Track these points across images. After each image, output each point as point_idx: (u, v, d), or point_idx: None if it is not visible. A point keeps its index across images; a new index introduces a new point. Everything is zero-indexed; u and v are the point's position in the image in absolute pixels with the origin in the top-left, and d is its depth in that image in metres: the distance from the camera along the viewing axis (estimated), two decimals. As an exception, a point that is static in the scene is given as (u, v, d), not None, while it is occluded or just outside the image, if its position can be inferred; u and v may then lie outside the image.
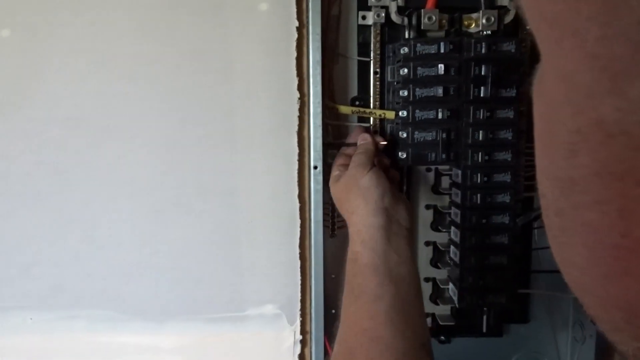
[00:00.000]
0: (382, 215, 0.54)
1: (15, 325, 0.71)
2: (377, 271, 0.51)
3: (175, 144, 0.67)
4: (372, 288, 0.50)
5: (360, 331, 0.49)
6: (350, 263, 0.53)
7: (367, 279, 0.51)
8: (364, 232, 0.53)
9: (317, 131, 0.63)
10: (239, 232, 0.69)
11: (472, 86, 0.59)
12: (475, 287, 0.63)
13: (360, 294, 0.50)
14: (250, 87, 0.65)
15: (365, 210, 0.54)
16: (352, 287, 0.52)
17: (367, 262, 0.51)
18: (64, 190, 0.67)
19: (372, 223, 0.53)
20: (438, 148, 0.61)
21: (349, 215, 0.56)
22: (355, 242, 0.54)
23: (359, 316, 0.50)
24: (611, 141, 0.18)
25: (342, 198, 0.58)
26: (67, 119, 0.66)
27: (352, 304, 0.51)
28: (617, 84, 0.18)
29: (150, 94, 0.65)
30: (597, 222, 0.20)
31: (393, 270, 0.51)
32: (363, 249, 0.52)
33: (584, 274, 0.22)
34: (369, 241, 0.53)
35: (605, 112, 0.18)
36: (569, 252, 0.22)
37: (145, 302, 0.70)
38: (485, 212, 0.61)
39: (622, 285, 0.20)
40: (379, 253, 0.52)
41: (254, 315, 0.71)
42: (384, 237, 0.53)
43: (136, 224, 0.68)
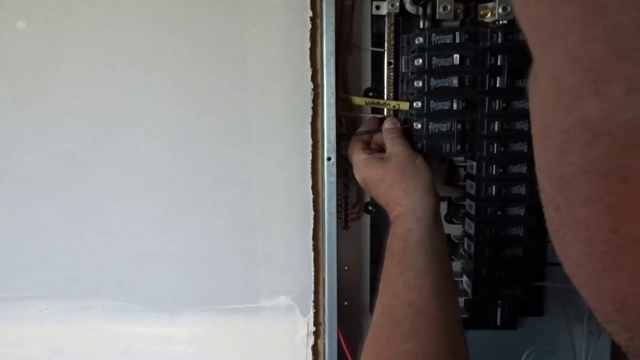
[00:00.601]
0: (435, 196, 0.57)
1: (31, 315, 0.72)
2: (426, 249, 0.53)
3: (190, 135, 0.67)
4: (421, 264, 0.52)
5: (406, 304, 0.51)
6: (398, 239, 0.55)
7: (418, 255, 0.53)
8: (420, 211, 0.55)
9: (331, 122, 0.63)
10: (253, 223, 0.69)
11: (487, 76, 0.59)
12: (489, 279, 0.63)
13: (409, 268, 0.52)
14: (264, 78, 0.66)
15: (422, 191, 0.56)
16: (400, 261, 0.54)
17: (419, 240, 0.53)
18: (79, 181, 0.68)
19: (428, 202, 0.55)
20: (453, 139, 0.61)
21: (401, 195, 0.57)
22: (407, 220, 0.55)
23: (406, 289, 0.52)
24: (597, 140, 0.19)
25: (393, 180, 0.58)
26: (82, 110, 0.67)
27: (399, 276, 0.53)
28: (599, 86, 0.19)
29: (165, 85, 0.66)
30: (588, 218, 0.21)
31: (439, 250, 0.54)
32: (416, 226, 0.54)
33: (579, 268, 0.23)
34: (423, 218, 0.54)
35: (590, 112, 0.19)
36: (566, 246, 0.23)
37: (159, 292, 0.72)
38: (501, 204, 0.62)
39: (613, 279, 0.21)
40: (430, 231, 0.54)
41: (267, 307, 0.72)
42: (435, 217, 0.55)
43: (151, 215, 0.69)
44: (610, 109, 0.19)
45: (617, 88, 0.19)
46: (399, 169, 0.58)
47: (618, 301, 0.21)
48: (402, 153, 0.59)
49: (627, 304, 0.20)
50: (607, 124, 0.19)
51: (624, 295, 0.20)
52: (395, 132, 0.62)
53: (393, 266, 0.54)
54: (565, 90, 0.20)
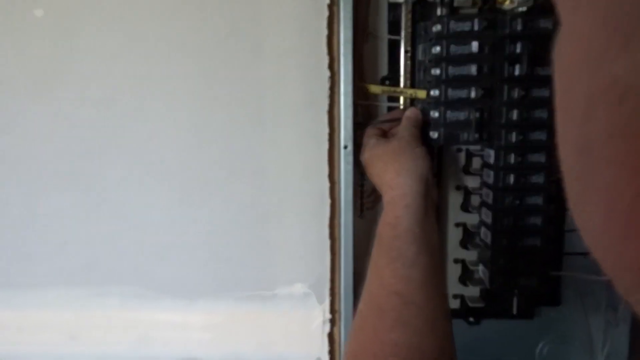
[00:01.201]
0: (425, 185, 0.56)
1: (49, 300, 0.74)
2: (416, 238, 0.53)
3: (205, 125, 0.68)
4: (410, 254, 0.52)
5: (393, 293, 0.51)
6: (387, 226, 0.55)
7: (407, 244, 0.52)
8: (409, 197, 0.55)
9: (348, 110, 0.64)
10: (269, 211, 0.70)
11: (506, 64, 0.59)
12: (506, 268, 0.64)
13: (398, 257, 0.52)
14: (280, 66, 0.66)
15: (414, 177, 0.56)
16: (389, 249, 0.53)
17: (408, 228, 0.53)
18: (96, 170, 0.70)
19: (418, 190, 0.55)
20: (471, 128, 0.61)
21: (393, 176, 0.57)
22: (396, 206, 0.55)
23: (393, 279, 0.51)
24: (624, 102, 0.19)
25: (388, 159, 0.58)
26: (99, 99, 0.68)
27: (387, 266, 0.53)
28: (630, 45, 0.19)
29: (180, 73, 0.67)
30: (611, 183, 0.20)
31: (429, 240, 0.53)
32: (405, 213, 0.54)
33: (600, 238, 0.22)
34: (411, 206, 0.54)
35: (618, 73, 0.19)
36: (586, 217, 0.23)
37: (175, 280, 0.73)
38: (519, 193, 0.62)
39: (635, 247, 0.20)
40: (419, 220, 0.54)
41: (283, 294, 0.73)
42: (424, 206, 0.55)
43: (166, 203, 0.70)
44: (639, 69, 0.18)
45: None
46: (396, 149, 0.59)
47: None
48: (405, 137, 0.60)
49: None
50: (636, 84, 0.18)
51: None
52: (413, 122, 0.62)
53: (381, 255, 0.54)
54: (594, 50, 0.20)
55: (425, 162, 0.57)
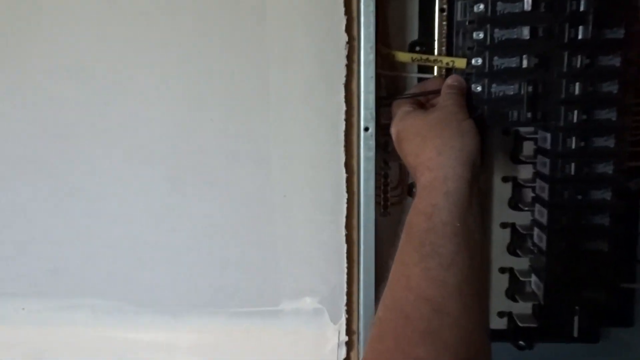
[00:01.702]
0: (472, 169, 0.55)
1: (5, 315, 0.74)
2: (455, 233, 0.52)
3: (197, 101, 0.68)
4: (446, 252, 0.51)
5: (422, 299, 0.50)
6: (420, 216, 0.54)
7: (443, 240, 0.52)
8: (451, 181, 0.54)
9: (370, 84, 0.63)
10: (273, 208, 0.70)
11: (567, 26, 0.59)
12: (565, 279, 0.63)
13: (431, 255, 0.51)
14: (286, 30, 0.66)
15: (459, 157, 0.55)
16: (421, 244, 0.53)
17: (447, 220, 0.52)
18: (64, 155, 0.70)
19: (462, 174, 0.54)
20: (522, 105, 0.60)
21: (433, 155, 0.56)
22: (434, 192, 0.54)
23: (424, 281, 0.51)
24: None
25: (427, 133, 0.57)
26: (68, 70, 0.68)
27: (417, 264, 0.52)
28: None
29: (168, 39, 0.67)
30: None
31: (470, 237, 0.53)
32: (445, 201, 0.53)
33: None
34: (453, 193, 0.53)
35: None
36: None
37: (159, 290, 0.73)
38: (581, 186, 0.61)
39: None
40: (461, 212, 0.53)
41: (289, 310, 0.73)
42: (469, 195, 0.54)
43: (150, 196, 0.70)
44: None
45: None
46: (439, 122, 0.58)
47: None
48: (449, 107, 0.59)
49: None
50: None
51: None
52: (455, 89, 0.62)
53: (410, 251, 0.54)
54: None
55: (475, 140, 0.56)
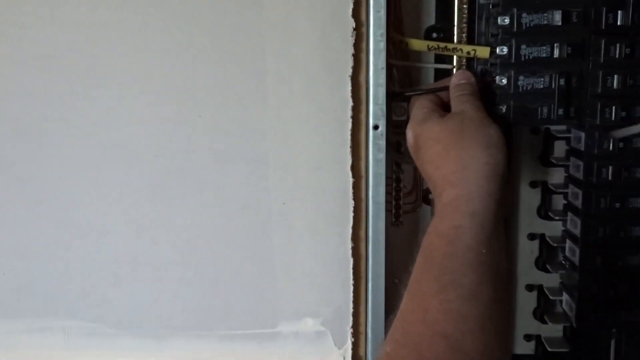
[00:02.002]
0: (500, 184, 0.54)
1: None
2: (480, 261, 0.51)
3: (185, 93, 0.68)
4: (469, 282, 0.51)
5: (439, 335, 0.50)
6: (441, 239, 0.54)
7: (466, 268, 0.51)
8: (477, 201, 0.53)
9: (380, 76, 0.63)
10: (270, 216, 0.70)
11: (604, 10, 0.59)
12: (601, 299, 0.64)
13: (451, 285, 0.51)
14: (286, 13, 0.66)
15: (486, 172, 0.54)
16: (440, 272, 0.52)
17: (471, 245, 0.52)
18: (31, 156, 0.69)
19: (490, 190, 0.53)
20: (553, 100, 0.60)
21: (456, 169, 0.55)
22: (458, 212, 0.54)
23: (442, 315, 0.50)
24: None
25: (449, 142, 0.57)
26: (36, 59, 0.67)
27: (435, 295, 0.51)
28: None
29: (152, 22, 0.66)
30: None
31: (494, 264, 0.52)
32: (470, 223, 0.52)
33: None
34: (480, 214, 0.53)
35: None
36: None
37: (140, 310, 0.72)
38: (620, 192, 0.61)
39: None
40: (488, 235, 0.52)
41: (288, 333, 0.72)
42: (496, 217, 0.53)
43: (128, 204, 0.70)
44: None
45: None
46: (459, 130, 0.57)
47: None
48: (468, 113, 0.59)
49: None
50: None
51: None
52: (466, 89, 0.61)
53: (429, 279, 0.53)
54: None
55: (503, 151, 0.56)
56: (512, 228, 0.72)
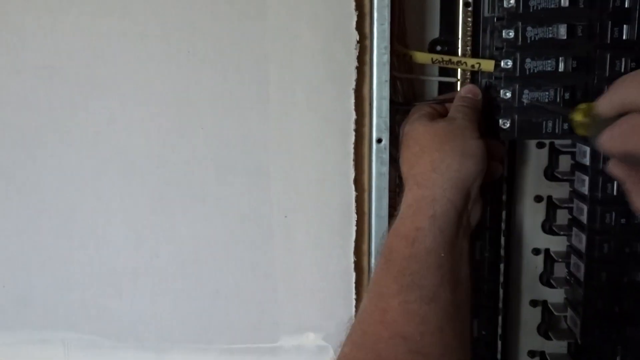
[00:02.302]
0: (464, 197, 0.56)
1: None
2: (440, 264, 0.53)
3: (186, 104, 0.67)
4: (429, 284, 0.52)
5: (398, 337, 0.51)
6: (401, 240, 0.55)
7: (427, 271, 0.53)
8: (439, 205, 0.55)
9: (383, 88, 0.63)
10: (272, 229, 0.69)
11: (610, 24, 0.59)
12: (606, 314, 0.64)
13: (412, 286, 0.52)
14: (290, 25, 0.66)
15: (453, 179, 0.56)
16: (400, 273, 0.54)
17: (431, 248, 0.53)
18: (31, 166, 0.69)
19: (452, 198, 0.55)
20: (558, 114, 0.60)
21: (425, 169, 0.57)
22: (420, 214, 0.55)
23: (401, 317, 0.52)
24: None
25: (427, 144, 0.58)
26: (36, 68, 0.67)
27: (394, 296, 0.53)
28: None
29: (152, 32, 0.66)
30: None
31: (454, 269, 0.54)
32: (431, 226, 0.54)
33: None
34: (440, 218, 0.54)
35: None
36: None
37: (140, 323, 0.72)
38: (625, 208, 0.61)
39: None
40: (447, 241, 0.54)
41: (289, 348, 0.72)
42: (456, 224, 0.55)
43: (129, 215, 0.70)
44: None
45: None
46: (442, 134, 0.58)
47: None
48: (458, 121, 0.59)
49: None
50: None
51: None
52: (468, 102, 0.62)
53: (388, 280, 0.54)
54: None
55: (476, 166, 0.57)
56: (516, 242, 0.72)
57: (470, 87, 0.64)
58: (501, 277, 0.71)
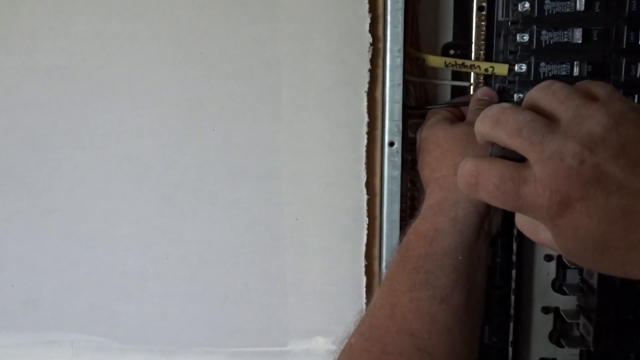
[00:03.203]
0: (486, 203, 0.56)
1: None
2: (455, 267, 0.53)
3: (196, 107, 0.67)
4: (442, 285, 0.53)
5: (405, 332, 0.52)
6: (419, 239, 0.55)
7: (441, 271, 0.53)
8: (461, 208, 0.55)
9: (396, 92, 0.63)
10: (282, 232, 0.69)
11: (625, 29, 0.59)
12: (620, 322, 0.63)
13: (425, 285, 0.53)
14: (302, 27, 0.66)
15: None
16: (415, 270, 0.54)
17: (448, 249, 0.54)
18: (41, 167, 0.69)
19: (476, 202, 0.55)
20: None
21: (448, 173, 0.57)
22: (441, 215, 0.55)
23: (410, 313, 0.52)
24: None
25: (448, 148, 0.59)
26: (48, 69, 0.67)
27: (406, 292, 0.53)
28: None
29: (165, 34, 0.66)
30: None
31: (470, 273, 0.54)
32: (451, 227, 0.54)
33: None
34: (461, 221, 0.55)
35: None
36: None
37: (148, 325, 0.72)
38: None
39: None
40: (466, 243, 0.54)
41: (298, 352, 0.72)
42: (477, 229, 0.55)
43: (139, 218, 0.70)
44: None
45: None
46: (463, 138, 0.59)
47: None
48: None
49: None
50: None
51: None
52: (486, 104, 0.61)
53: (402, 276, 0.55)
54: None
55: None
56: (528, 249, 0.71)
57: (486, 89, 0.64)
58: (513, 284, 0.70)
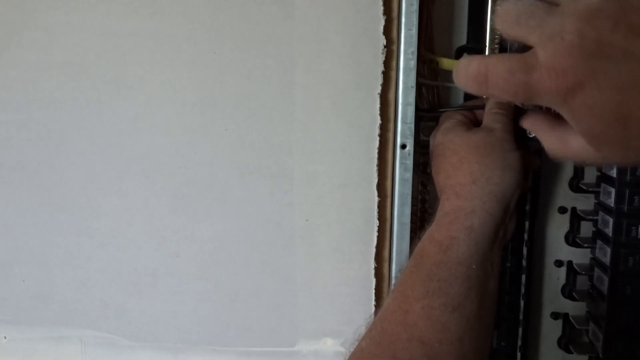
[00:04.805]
0: (504, 211, 0.56)
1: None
2: (469, 275, 0.53)
3: (212, 105, 0.67)
4: (455, 293, 0.53)
5: (416, 339, 0.51)
6: (434, 246, 0.55)
7: (455, 280, 0.53)
8: (478, 217, 0.55)
9: (409, 94, 0.63)
10: (292, 233, 0.69)
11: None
12: (631, 330, 0.63)
13: (438, 293, 0.53)
14: (317, 28, 0.65)
15: (493, 192, 0.56)
16: (428, 278, 0.54)
17: (463, 258, 0.54)
18: (55, 163, 0.70)
19: (492, 211, 0.55)
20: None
21: (465, 181, 0.57)
22: (456, 224, 0.55)
23: (422, 321, 0.52)
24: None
25: (466, 155, 0.58)
26: (63, 66, 0.67)
27: (418, 299, 0.53)
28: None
29: (179, 32, 0.66)
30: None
31: (483, 282, 0.54)
32: (466, 237, 0.54)
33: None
34: (477, 230, 0.55)
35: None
36: None
37: (158, 323, 0.72)
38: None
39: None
40: (480, 252, 0.54)
41: (307, 352, 0.72)
42: (493, 238, 0.55)
43: (150, 215, 0.70)
44: None
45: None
46: (481, 146, 0.58)
47: None
48: (497, 132, 0.59)
49: None
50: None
51: None
52: (504, 108, 0.61)
53: (415, 283, 0.55)
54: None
55: (515, 178, 0.57)
56: (538, 254, 0.71)
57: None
58: (522, 289, 0.70)
